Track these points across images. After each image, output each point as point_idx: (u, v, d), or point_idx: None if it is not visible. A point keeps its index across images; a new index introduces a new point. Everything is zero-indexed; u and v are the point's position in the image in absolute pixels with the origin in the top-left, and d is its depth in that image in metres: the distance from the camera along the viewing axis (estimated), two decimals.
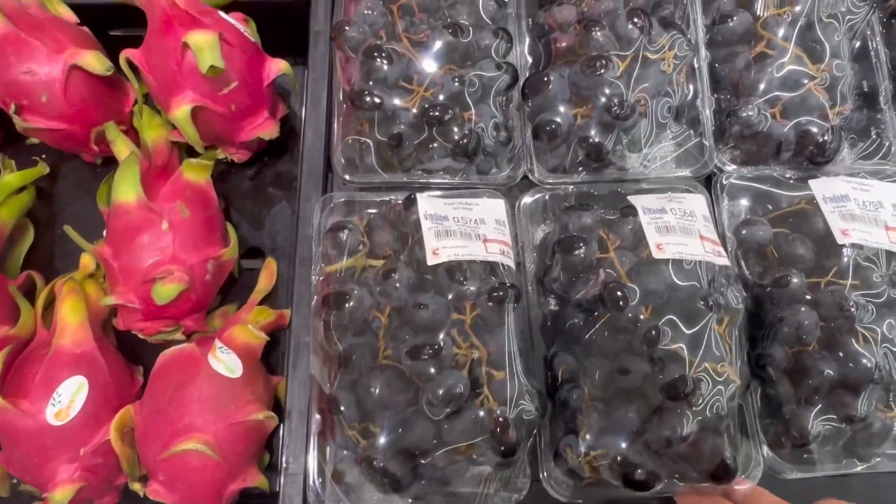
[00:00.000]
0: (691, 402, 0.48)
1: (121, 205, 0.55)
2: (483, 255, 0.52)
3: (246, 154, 0.66)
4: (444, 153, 0.56)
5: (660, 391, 0.48)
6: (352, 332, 0.52)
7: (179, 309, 0.56)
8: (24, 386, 0.52)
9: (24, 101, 0.59)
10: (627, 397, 0.50)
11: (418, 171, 0.59)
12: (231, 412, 0.51)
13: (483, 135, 0.56)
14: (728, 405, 0.49)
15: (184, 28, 0.57)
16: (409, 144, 0.56)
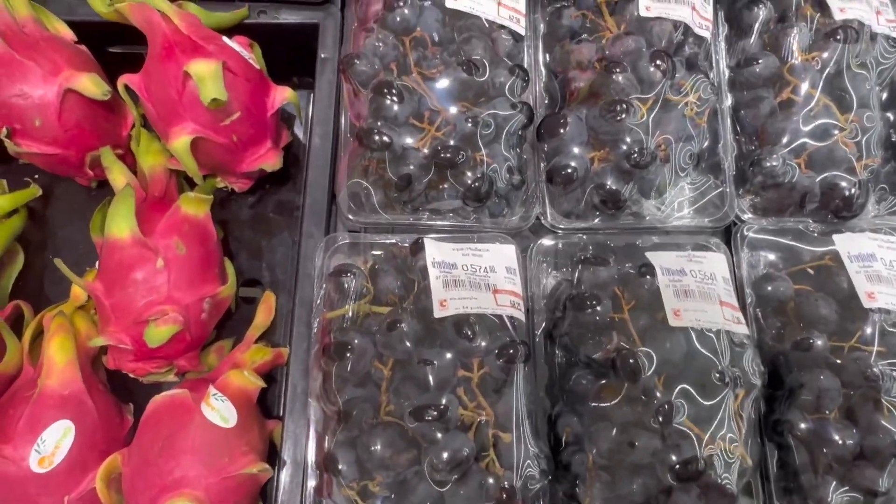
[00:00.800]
0: (701, 482, 0.45)
1: (115, 240, 0.53)
2: (493, 309, 0.50)
3: (247, 183, 0.63)
4: (454, 195, 0.54)
5: (669, 471, 0.45)
6: (352, 384, 0.50)
7: (173, 349, 0.54)
8: (7, 430, 0.49)
9: (16, 124, 0.57)
10: (634, 470, 0.47)
11: (426, 212, 0.56)
12: (224, 465, 0.49)
13: (496, 177, 0.54)
14: (738, 485, 0.46)
15: (185, 55, 0.54)
16: (419, 185, 0.54)
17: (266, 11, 0.64)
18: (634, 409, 0.47)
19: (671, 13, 0.58)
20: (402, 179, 0.53)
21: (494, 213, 0.56)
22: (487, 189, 0.53)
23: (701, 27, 0.59)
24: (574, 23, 0.61)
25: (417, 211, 0.56)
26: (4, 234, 0.61)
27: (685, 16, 0.58)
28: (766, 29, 0.60)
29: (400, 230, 0.57)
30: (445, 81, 0.54)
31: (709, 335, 0.48)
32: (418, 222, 0.57)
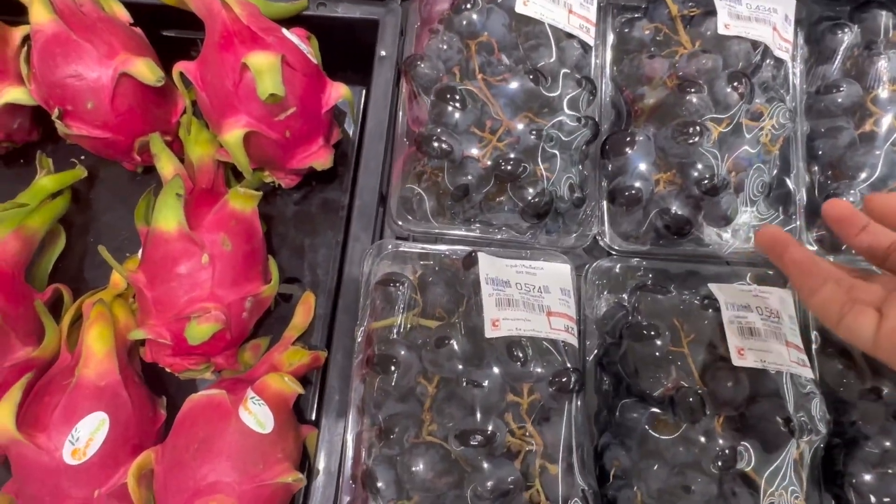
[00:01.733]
0: None
1: (161, 232, 0.52)
2: (546, 332, 0.48)
3: (295, 180, 0.62)
4: (512, 209, 0.52)
5: None
6: (394, 398, 0.48)
7: (212, 347, 0.53)
8: (42, 419, 0.49)
9: (68, 105, 0.56)
10: None
11: (479, 223, 0.54)
12: (259, 472, 0.47)
13: (556, 194, 0.52)
14: None
15: (244, 46, 0.53)
16: (476, 196, 0.52)
17: (325, 4, 0.62)
18: (690, 450, 0.45)
19: (751, 32, 0.55)
20: (459, 189, 0.51)
21: (551, 230, 0.54)
22: (547, 206, 0.51)
23: (780, 49, 0.56)
24: (646, 36, 0.58)
25: (470, 222, 0.54)
26: (48, 215, 0.60)
27: (765, 36, 0.55)
28: (850, 55, 0.56)
29: (449, 240, 0.55)
30: (510, 90, 0.52)
31: (774, 377, 0.46)
32: (469, 234, 0.55)
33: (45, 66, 0.55)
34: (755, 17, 0.56)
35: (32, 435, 0.48)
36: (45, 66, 0.55)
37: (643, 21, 0.59)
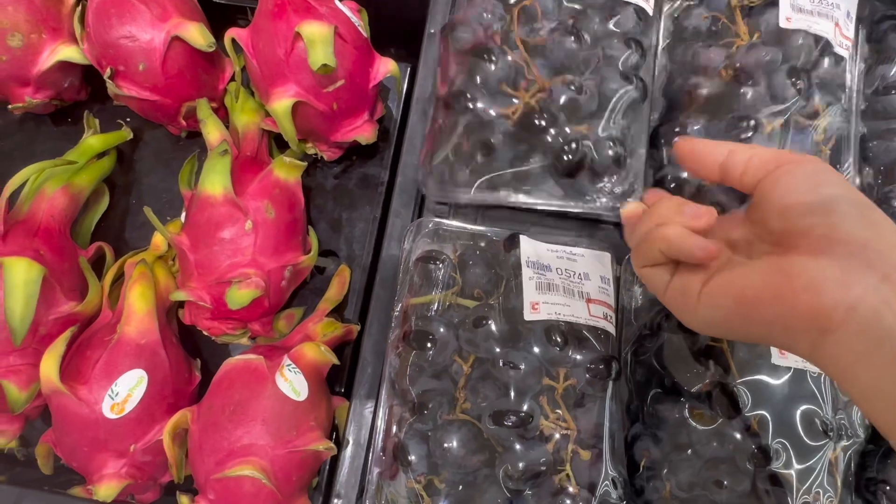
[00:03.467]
0: None
1: (207, 196, 0.52)
2: (586, 319, 0.47)
3: (337, 153, 0.62)
4: (544, 167, 0.50)
5: None
6: (429, 375, 0.48)
7: (250, 313, 0.53)
8: (84, 372, 0.50)
9: (120, 66, 0.56)
10: None
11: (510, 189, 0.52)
12: (292, 438, 0.48)
13: (591, 151, 0.50)
14: None
15: (298, 15, 0.53)
16: (504, 153, 0.50)
17: None
18: (725, 446, 0.44)
19: (813, 27, 0.54)
20: (485, 147, 0.50)
21: (587, 192, 0.51)
22: (580, 161, 0.49)
23: (841, 46, 0.55)
24: (702, 24, 0.57)
25: (499, 189, 0.52)
26: (94, 174, 0.61)
27: (827, 31, 0.54)
28: None
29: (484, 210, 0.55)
30: (550, 49, 0.50)
31: (814, 379, 0.45)
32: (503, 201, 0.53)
33: (99, 26, 0.56)
34: (818, 11, 0.54)
35: (74, 387, 0.49)
36: (100, 26, 0.56)
37: (700, 9, 0.57)
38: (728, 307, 0.33)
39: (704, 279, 0.35)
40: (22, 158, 0.66)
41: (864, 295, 0.29)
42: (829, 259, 0.30)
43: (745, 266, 0.34)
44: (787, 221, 0.32)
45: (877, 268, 0.29)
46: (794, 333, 0.31)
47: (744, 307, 0.32)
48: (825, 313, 0.29)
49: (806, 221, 0.31)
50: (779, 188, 0.33)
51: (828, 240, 0.30)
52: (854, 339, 0.29)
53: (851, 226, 0.30)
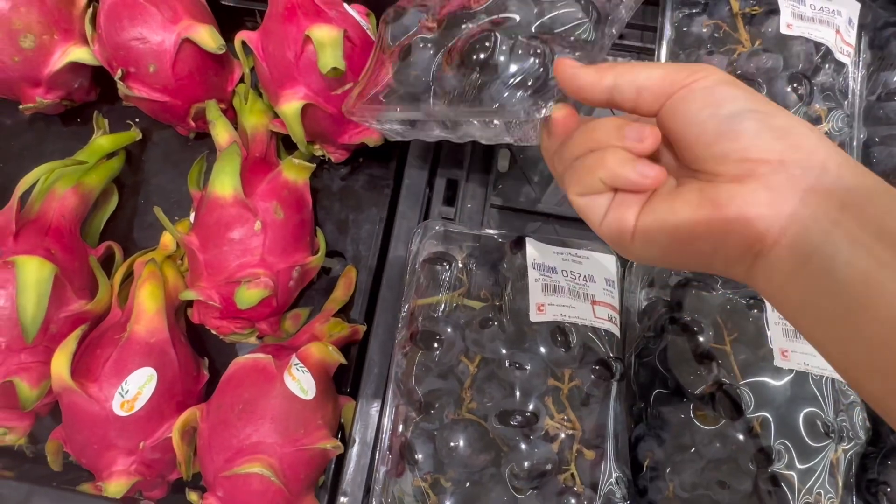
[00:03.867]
0: None
1: (216, 197, 0.53)
2: (591, 320, 0.48)
3: (344, 154, 0.63)
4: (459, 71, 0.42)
5: None
6: (435, 375, 0.49)
7: (258, 313, 0.54)
8: (94, 370, 0.50)
9: (131, 68, 0.57)
10: None
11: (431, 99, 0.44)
12: (300, 436, 0.49)
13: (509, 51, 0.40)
14: None
15: (308, 19, 0.53)
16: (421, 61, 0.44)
17: None
18: (728, 446, 0.45)
19: (814, 34, 0.54)
20: (405, 52, 0.45)
21: (501, 99, 0.40)
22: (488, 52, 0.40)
23: (842, 52, 0.55)
24: (704, 32, 0.58)
25: (419, 100, 0.44)
26: (104, 174, 0.62)
27: (828, 38, 0.55)
28: None
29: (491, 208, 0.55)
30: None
31: (816, 382, 0.46)
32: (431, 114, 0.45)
33: (110, 28, 0.56)
34: (819, 18, 0.55)
35: (84, 385, 0.50)
36: (111, 28, 0.56)
37: (703, 17, 0.58)
38: (664, 244, 0.32)
39: (637, 212, 0.33)
40: (32, 158, 0.66)
41: (791, 215, 0.28)
42: (755, 182, 0.29)
43: (674, 198, 0.32)
44: (698, 153, 0.31)
45: (800, 181, 0.28)
46: (731, 261, 0.31)
47: (679, 244, 0.31)
48: (758, 238, 0.29)
49: (717, 150, 0.30)
50: (678, 121, 0.31)
51: (746, 163, 0.29)
52: (784, 258, 0.29)
53: (763, 143, 0.29)
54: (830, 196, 0.28)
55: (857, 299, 0.26)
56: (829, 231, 0.27)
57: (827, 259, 0.27)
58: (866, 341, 0.26)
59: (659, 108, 0.32)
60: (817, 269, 0.27)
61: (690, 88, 0.31)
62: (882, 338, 0.26)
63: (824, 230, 0.27)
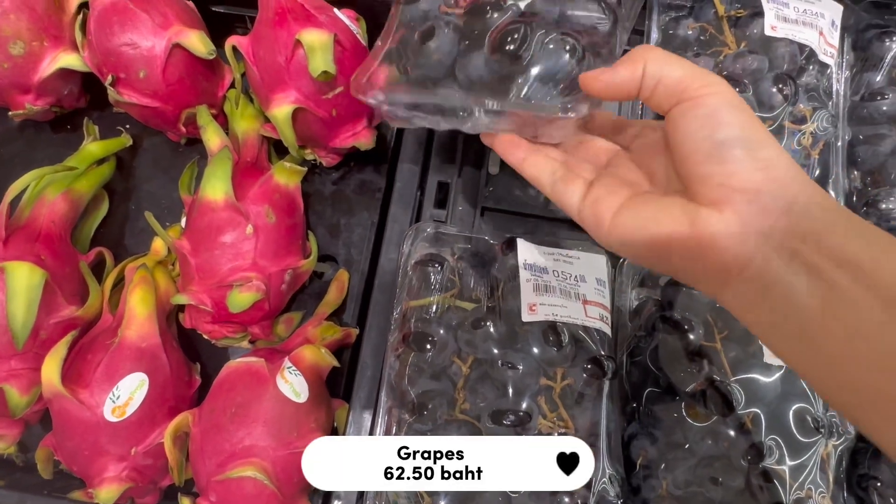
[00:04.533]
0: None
1: (208, 201, 0.53)
2: (582, 319, 0.48)
3: (336, 159, 0.63)
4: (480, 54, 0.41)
5: None
6: (428, 376, 0.49)
7: (250, 316, 0.54)
8: (85, 375, 0.50)
9: (121, 73, 0.57)
10: None
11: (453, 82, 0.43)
12: (293, 439, 0.48)
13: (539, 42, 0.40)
14: None
15: (298, 23, 0.54)
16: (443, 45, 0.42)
17: None
18: (719, 443, 0.45)
19: (797, 35, 0.55)
20: (426, 35, 0.43)
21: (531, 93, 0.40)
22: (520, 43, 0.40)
23: (826, 54, 0.56)
24: (690, 35, 0.58)
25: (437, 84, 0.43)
26: (94, 180, 0.61)
27: (812, 40, 0.55)
28: None
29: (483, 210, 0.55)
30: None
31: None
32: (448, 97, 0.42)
33: (101, 34, 0.56)
34: (802, 20, 0.56)
35: (75, 391, 0.49)
36: (102, 34, 0.56)
37: (689, 20, 0.59)
38: (639, 246, 0.34)
39: (616, 208, 0.35)
40: (22, 165, 0.66)
41: (757, 247, 0.30)
42: (730, 211, 0.31)
43: (655, 204, 0.34)
44: (687, 169, 0.32)
45: (770, 212, 0.30)
46: (699, 280, 0.33)
47: (655, 251, 0.33)
48: (725, 269, 0.31)
49: (703, 170, 0.32)
50: (678, 132, 0.33)
51: (725, 189, 0.31)
52: (749, 286, 0.31)
53: (745, 172, 0.31)
54: (795, 227, 0.30)
55: (815, 320, 0.29)
56: (790, 261, 0.29)
57: (787, 286, 0.29)
58: (827, 359, 0.29)
59: (668, 110, 0.34)
60: (779, 295, 0.30)
61: (696, 102, 0.32)
62: (840, 355, 0.28)
63: (786, 261, 0.29)
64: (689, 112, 0.32)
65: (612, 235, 0.35)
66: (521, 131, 0.43)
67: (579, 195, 0.38)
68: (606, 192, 0.37)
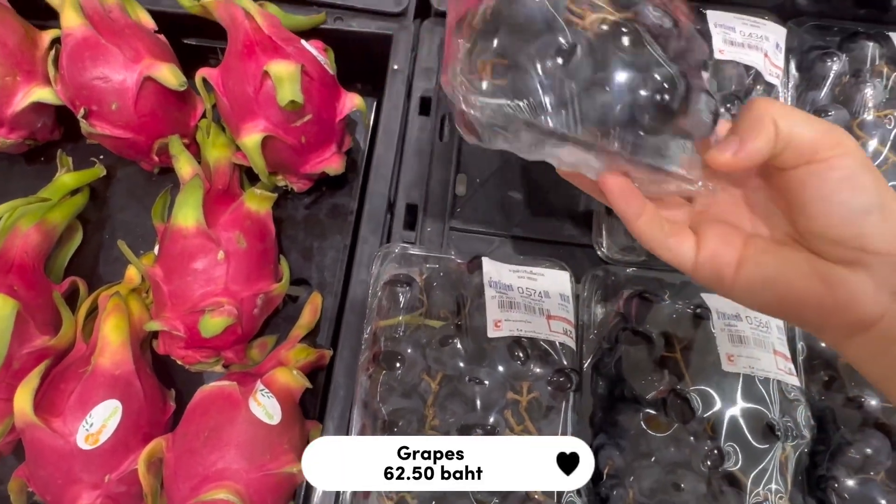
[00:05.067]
0: None
1: (179, 229, 0.54)
2: (546, 334, 0.50)
3: (307, 184, 0.64)
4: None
5: None
6: (399, 394, 0.50)
7: (223, 341, 0.55)
8: (58, 404, 0.50)
9: (93, 106, 0.58)
10: None
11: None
12: (266, 461, 0.49)
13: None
14: None
15: (266, 55, 0.55)
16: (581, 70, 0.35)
17: (342, 18, 0.65)
18: (681, 450, 0.47)
19: (743, 58, 0.58)
20: (558, 52, 0.34)
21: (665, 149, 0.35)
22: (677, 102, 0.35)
23: (771, 74, 0.59)
24: None
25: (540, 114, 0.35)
26: (68, 211, 0.62)
27: (757, 62, 0.58)
28: (839, 82, 0.60)
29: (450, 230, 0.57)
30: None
31: (762, 384, 0.48)
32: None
33: (73, 68, 0.58)
34: (748, 43, 0.59)
35: (48, 420, 0.50)
36: (74, 68, 0.58)
37: None
38: (767, 301, 0.34)
39: (736, 261, 0.34)
40: None
41: (889, 303, 0.31)
42: (865, 273, 0.31)
43: (779, 258, 0.34)
44: (816, 229, 0.32)
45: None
46: (823, 332, 0.34)
47: (785, 306, 0.34)
48: (857, 324, 0.32)
49: (837, 232, 0.31)
50: (806, 193, 0.32)
51: (860, 252, 0.31)
52: (875, 339, 0.32)
53: (882, 236, 0.31)
54: None
55: None
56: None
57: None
58: None
59: (792, 168, 0.32)
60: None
61: (830, 164, 0.31)
62: None
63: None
64: (822, 174, 0.31)
65: (735, 291, 0.35)
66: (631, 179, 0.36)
67: (692, 249, 0.35)
68: (720, 242, 0.35)
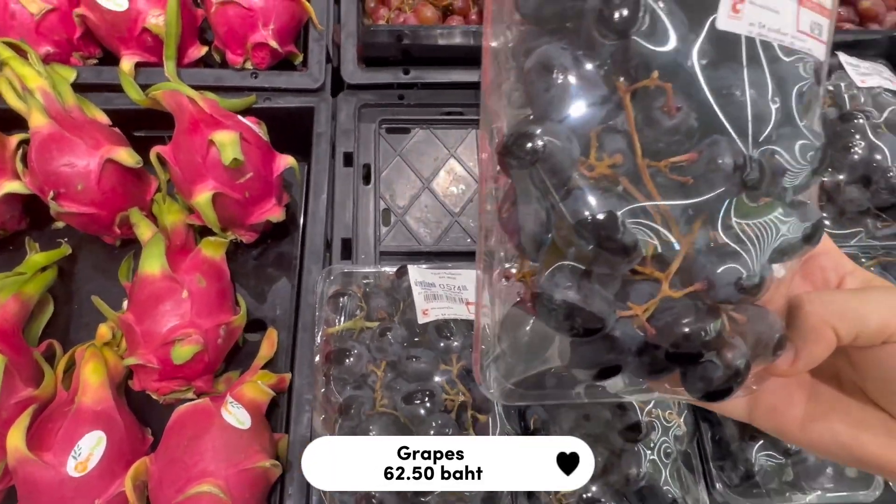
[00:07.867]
0: (645, 444, 0.55)
1: (147, 276, 0.63)
2: (466, 315, 0.60)
3: (254, 236, 0.74)
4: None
5: (619, 434, 0.55)
6: (351, 386, 0.59)
7: (193, 369, 0.62)
8: (47, 440, 0.56)
9: (61, 189, 0.68)
10: (594, 441, 0.57)
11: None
12: (241, 460, 0.56)
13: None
14: (676, 448, 0.56)
15: (209, 128, 0.67)
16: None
17: (271, 98, 0.79)
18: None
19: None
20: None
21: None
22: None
23: None
24: None
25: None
26: (39, 285, 0.70)
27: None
28: None
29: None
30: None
31: None
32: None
33: (41, 159, 0.68)
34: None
35: (39, 454, 0.55)
36: (42, 159, 0.68)
37: None
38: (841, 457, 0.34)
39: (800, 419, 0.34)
40: None
41: None
42: None
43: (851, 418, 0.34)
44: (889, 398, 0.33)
45: None
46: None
47: (859, 464, 0.34)
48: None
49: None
50: (880, 368, 0.32)
51: None
52: None
53: None
54: None
55: None
56: None
57: None
58: None
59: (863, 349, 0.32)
60: None
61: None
62: None
63: None
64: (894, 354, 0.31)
65: (802, 444, 0.35)
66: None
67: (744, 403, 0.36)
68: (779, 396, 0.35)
